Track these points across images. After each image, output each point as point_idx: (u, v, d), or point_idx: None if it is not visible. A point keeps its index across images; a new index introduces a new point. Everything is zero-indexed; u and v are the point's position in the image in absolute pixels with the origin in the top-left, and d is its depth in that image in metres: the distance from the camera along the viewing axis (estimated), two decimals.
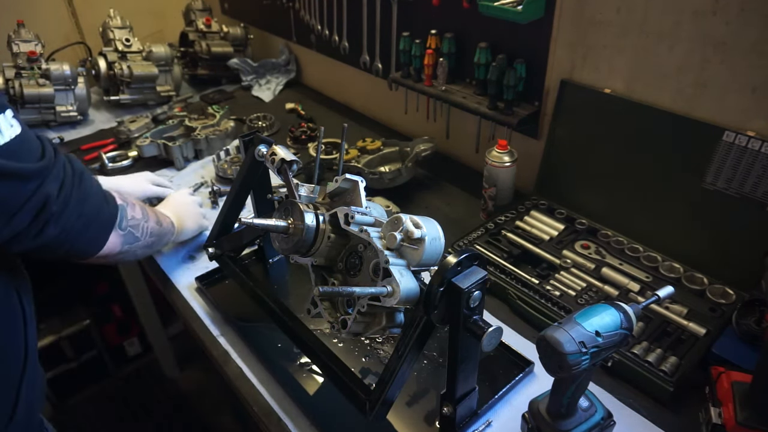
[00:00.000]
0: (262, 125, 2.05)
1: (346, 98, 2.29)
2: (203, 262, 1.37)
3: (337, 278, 0.91)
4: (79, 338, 2.67)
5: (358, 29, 1.89)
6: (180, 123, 1.92)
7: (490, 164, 1.41)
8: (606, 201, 1.34)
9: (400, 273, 0.78)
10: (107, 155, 1.81)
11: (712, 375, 0.93)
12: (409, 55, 1.62)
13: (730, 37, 1.06)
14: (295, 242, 0.85)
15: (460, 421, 0.92)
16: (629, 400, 0.99)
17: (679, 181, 1.20)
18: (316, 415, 0.98)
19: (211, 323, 1.20)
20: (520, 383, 1.03)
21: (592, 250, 1.28)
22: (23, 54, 2.00)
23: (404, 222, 0.79)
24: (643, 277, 1.19)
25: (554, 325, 0.74)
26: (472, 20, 1.47)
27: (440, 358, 1.08)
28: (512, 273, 1.23)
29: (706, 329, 1.05)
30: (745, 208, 1.11)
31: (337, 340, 1.13)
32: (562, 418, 0.84)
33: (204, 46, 2.40)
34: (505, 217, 1.41)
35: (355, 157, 1.63)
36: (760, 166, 1.07)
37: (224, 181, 1.70)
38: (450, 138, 1.71)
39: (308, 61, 2.44)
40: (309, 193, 0.95)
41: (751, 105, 1.08)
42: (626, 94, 1.27)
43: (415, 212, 0.84)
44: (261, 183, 1.20)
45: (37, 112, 2.02)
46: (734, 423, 0.84)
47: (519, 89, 1.42)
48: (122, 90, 2.17)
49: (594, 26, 1.27)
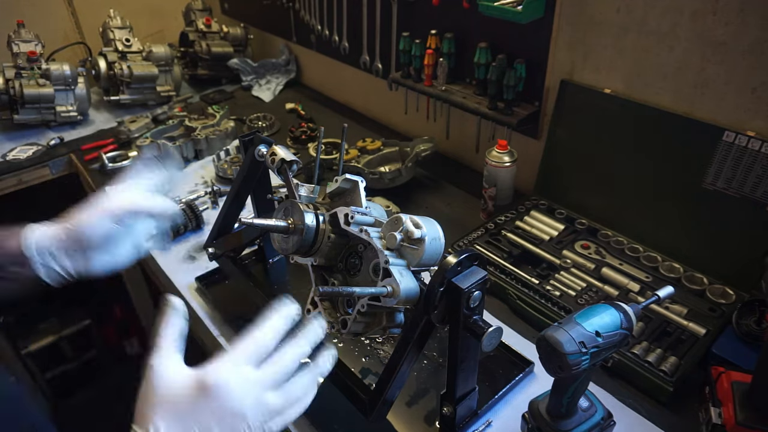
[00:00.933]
0: (262, 125, 2.05)
1: (346, 98, 2.29)
2: (203, 262, 1.37)
3: (337, 278, 0.91)
4: (79, 338, 2.67)
5: (358, 29, 1.89)
6: (180, 123, 1.92)
7: (490, 164, 1.41)
8: (606, 201, 1.34)
9: (400, 273, 0.77)
10: (107, 155, 1.80)
11: (712, 375, 0.93)
12: (409, 55, 1.62)
13: (730, 37, 1.06)
14: (295, 242, 0.85)
15: (460, 421, 0.92)
16: (629, 400, 0.99)
17: (679, 181, 1.20)
18: (316, 415, 0.98)
19: (211, 323, 1.20)
20: (520, 383, 1.03)
21: (592, 250, 1.28)
22: (23, 54, 2.01)
23: (404, 222, 0.79)
24: (643, 277, 1.19)
25: (554, 325, 0.74)
26: (472, 20, 1.47)
27: (440, 358, 1.08)
28: (512, 273, 1.23)
29: (706, 329, 1.05)
30: (745, 208, 1.11)
31: (337, 340, 1.13)
32: (562, 418, 0.84)
33: (204, 46, 2.40)
34: (505, 217, 1.41)
35: (355, 157, 1.63)
36: (760, 166, 1.07)
37: (224, 181, 1.70)
38: (450, 138, 1.71)
39: (308, 61, 2.44)
40: (309, 193, 0.95)
41: (751, 105, 1.08)
42: (626, 94, 1.27)
43: (415, 212, 0.84)
44: (261, 183, 1.20)
45: (37, 112, 2.02)
46: (734, 423, 0.84)
47: (519, 89, 1.42)
48: (122, 90, 2.17)
49: (594, 26, 1.27)
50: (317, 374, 0.67)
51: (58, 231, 0.86)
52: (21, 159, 1.89)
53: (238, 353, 0.63)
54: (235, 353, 0.63)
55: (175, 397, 0.60)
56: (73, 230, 0.87)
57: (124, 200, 0.92)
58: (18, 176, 1.89)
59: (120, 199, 0.91)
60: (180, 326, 0.65)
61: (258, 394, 0.61)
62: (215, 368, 0.61)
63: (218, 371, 0.61)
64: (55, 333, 2.59)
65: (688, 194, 1.19)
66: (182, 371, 0.61)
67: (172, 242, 1.44)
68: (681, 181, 1.19)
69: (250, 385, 0.61)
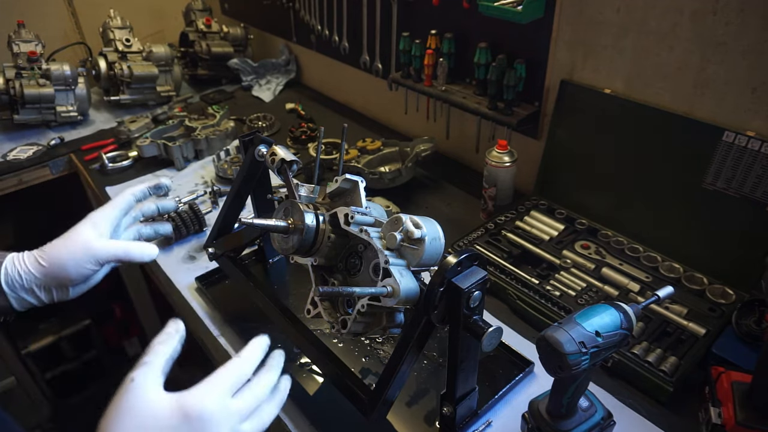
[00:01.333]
0: (262, 125, 2.05)
1: (346, 98, 2.29)
2: (203, 262, 1.37)
3: (337, 278, 0.91)
4: (79, 338, 2.67)
5: (358, 29, 1.89)
6: (180, 123, 1.92)
7: (490, 164, 1.41)
8: (606, 201, 1.34)
9: (400, 273, 0.78)
10: (107, 155, 1.81)
11: (712, 375, 0.93)
12: (409, 55, 1.62)
13: (730, 37, 1.06)
14: (295, 242, 0.85)
15: (460, 421, 0.92)
16: (629, 400, 0.99)
17: (679, 181, 1.20)
18: (316, 415, 0.98)
19: (211, 323, 1.20)
20: (520, 383, 1.03)
21: (592, 250, 1.28)
22: (23, 54, 2.01)
23: (404, 222, 0.79)
24: (643, 277, 1.19)
25: (554, 325, 0.74)
26: (472, 20, 1.47)
27: (440, 358, 1.08)
28: (512, 273, 1.23)
29: (706, 329, 1.05)
30: (745, 208, 1.11)
31: (337, 340, 1.12)
32: (562, 418, 0.84)
33: (204, 46, 2.40)
34: (505, 217, 1.41)
35: (355, 157, 1.63)
36: (760, 166, 1.07)
37: (224, 181, 1.70)
38: (450, 138, 1.71)
39: (308, 61, 2.44)
40: (309, 193, 0.95)
41: (751, 105, 1.08)
42: (626, 94, 1.27)
43: (415, 212, 0.84)
44: (261, 183, 1.20)
45: (38, 112, 2.02)
46: (734, 423, 0.84)
47: (519, 89, 1.42)
48: (122, 90, 2.17)
49: (594, 26, 1.27)
50: (280, 401, 0.70)
51: (35, 266, 0.83)
52: (21, 159, 1.90)
53: (219, 382, 0.64)
54: (216, 382, 0.64)
55: (156, 421, 0.58)
56: (51, 269, 0.83)
57: (109, 248, 0.86)
58: (18, 176, 1.89)
59: (105, 246, 0.85)
60: (174, 349, 0.65)
61: (234, 425, 0.63)
62: (199, 397, 0.61)
63: (203, 401, 0.61)
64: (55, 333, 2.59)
65: (687, 194, 1.19)
66: (163, 396, 0.61)
67: (173, 243, 1.44)
68: (681, 181, 1.19)
69: (229, 416, 0.62)
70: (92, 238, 0.86)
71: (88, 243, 0.85)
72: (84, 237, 0.86)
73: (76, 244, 0.85)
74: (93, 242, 0.85)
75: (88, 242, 0.85)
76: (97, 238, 0.86)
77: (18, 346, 2.49)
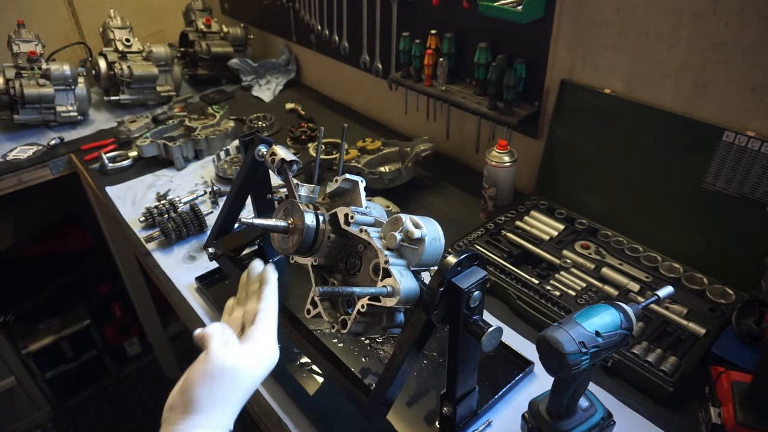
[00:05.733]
0: (262, 125, 2.05)
1: (346, 98, 2.29)
2: (203, 262, 1.37)
3: (337, 278, 0.91)
4: (79, 338, 2.67)
5: (358, 29, 1.89)
6: (180, 123, 1.92)
7: (490, 164, 1.42)
8: (606, 201, 1.34)
9: (400, 273, 0.78)
10: (107, 155, 1.81)
11: (712, 375, 0.93)
12: (409, 55, 1.62)
13: (730, 37, 1.06)
14: (295, 242, 0.85)
15: (460, 421, 0.92)
16: (629, 400, 0.99)
17: (679, 181, 1.20)
18: (316, 415, 0.98)
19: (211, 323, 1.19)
20: (520, 383, 1.03)
21: (592, 250, 1.28)
22: (23, 54, 2.01)
23: (404, 222, 0.79)
24: (643, 277, 1.19)
25: (554, 325, 0.74)
26: (472, 20, 1.47)
27: (440, 358, 1.08)
28: (512, 273, 1.23)
29: (706, 329, 1.05)
30: (745, 208, 1.11)
31: (337, 340, 1.13)
32: (562, 418, 0.84)
33: (204, 46, 2.40)
34: (505, 217, 1.41)
35: (355, 157, 1.63)
36: (760, 166, 1.07)
37: (224, 181, 1.70)
38: (450, 138, 1.71)
39: (308, 61, 2.44)
40: (309, 193, 0.95)
41: (751, 105, 1.08)
42: (626, 94, 1.27)
43: (415, 212, 0.84)
44: (261, 183, 1.20)
45: (38, 112, 2.02)
46: (734, 423, 0.84)
47: (519, 89, 1.42)
48: (122, 90, 2.17)
49: (594, 26, 1.27)
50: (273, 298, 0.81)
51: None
52: (21, 159, 1.90)
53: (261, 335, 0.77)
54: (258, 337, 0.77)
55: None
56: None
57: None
58: (18, 176, 1.89)
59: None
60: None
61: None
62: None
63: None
64: (55, 333, 2.59)
65: (687, 194, 1.19)
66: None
67: (173, 243, 1.44)
68: (681, 181, 1.19)
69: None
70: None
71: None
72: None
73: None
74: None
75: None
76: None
77: (18, 346, 2.50)
